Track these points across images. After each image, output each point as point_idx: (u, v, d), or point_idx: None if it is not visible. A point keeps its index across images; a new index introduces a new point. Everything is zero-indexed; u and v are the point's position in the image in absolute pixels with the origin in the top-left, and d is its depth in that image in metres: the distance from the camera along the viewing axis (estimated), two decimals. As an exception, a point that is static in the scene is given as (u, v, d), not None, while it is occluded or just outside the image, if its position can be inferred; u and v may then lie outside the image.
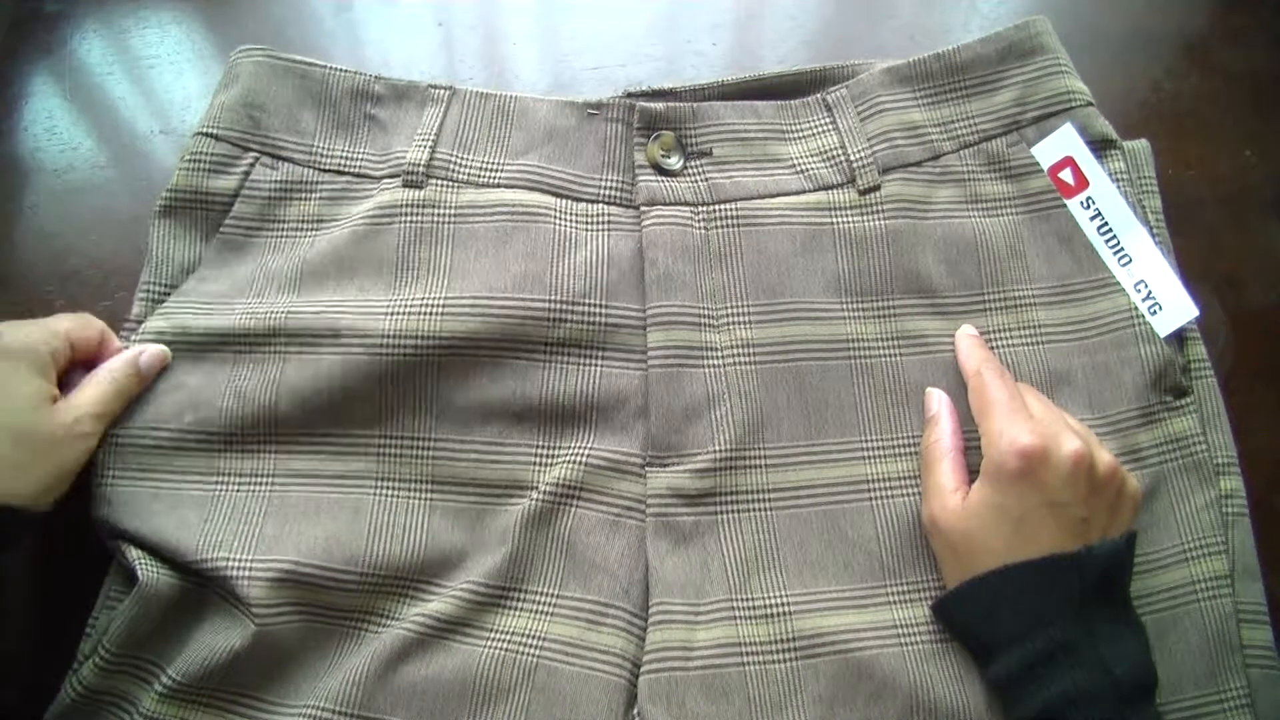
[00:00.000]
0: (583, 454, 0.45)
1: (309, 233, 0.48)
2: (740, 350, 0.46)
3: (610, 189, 0.49)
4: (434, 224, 0.47)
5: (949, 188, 0.49)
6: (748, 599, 0.43)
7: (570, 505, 0.44)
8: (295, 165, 0.49)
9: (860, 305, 0.47)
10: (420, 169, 0.48)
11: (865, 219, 0.48)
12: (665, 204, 0.48)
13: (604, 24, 0.61)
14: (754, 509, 0.44)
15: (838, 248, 0.47)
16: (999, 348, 0.47)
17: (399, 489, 0.44)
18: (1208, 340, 0.48)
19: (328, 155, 0.50)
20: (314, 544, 0.42)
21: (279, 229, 0.49)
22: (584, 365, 0.46)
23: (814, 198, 0.48)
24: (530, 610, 0.43)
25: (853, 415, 0.45)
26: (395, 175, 0.49)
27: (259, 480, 0.44)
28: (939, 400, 0.45)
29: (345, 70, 0.51)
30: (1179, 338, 0.47)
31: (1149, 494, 0.44)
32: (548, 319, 0.46)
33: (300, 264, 0.47)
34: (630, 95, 0.50)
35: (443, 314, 0.45)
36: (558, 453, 0.45)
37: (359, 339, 0.45)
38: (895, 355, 0.46)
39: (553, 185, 0.49)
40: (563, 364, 0.46)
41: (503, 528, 0.44)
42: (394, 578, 0.43)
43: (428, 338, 0.45)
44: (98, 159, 0.57)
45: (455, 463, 0.45)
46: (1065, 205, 0.48)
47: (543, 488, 0.44)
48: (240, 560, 0.42)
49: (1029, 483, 0.39)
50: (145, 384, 0.45)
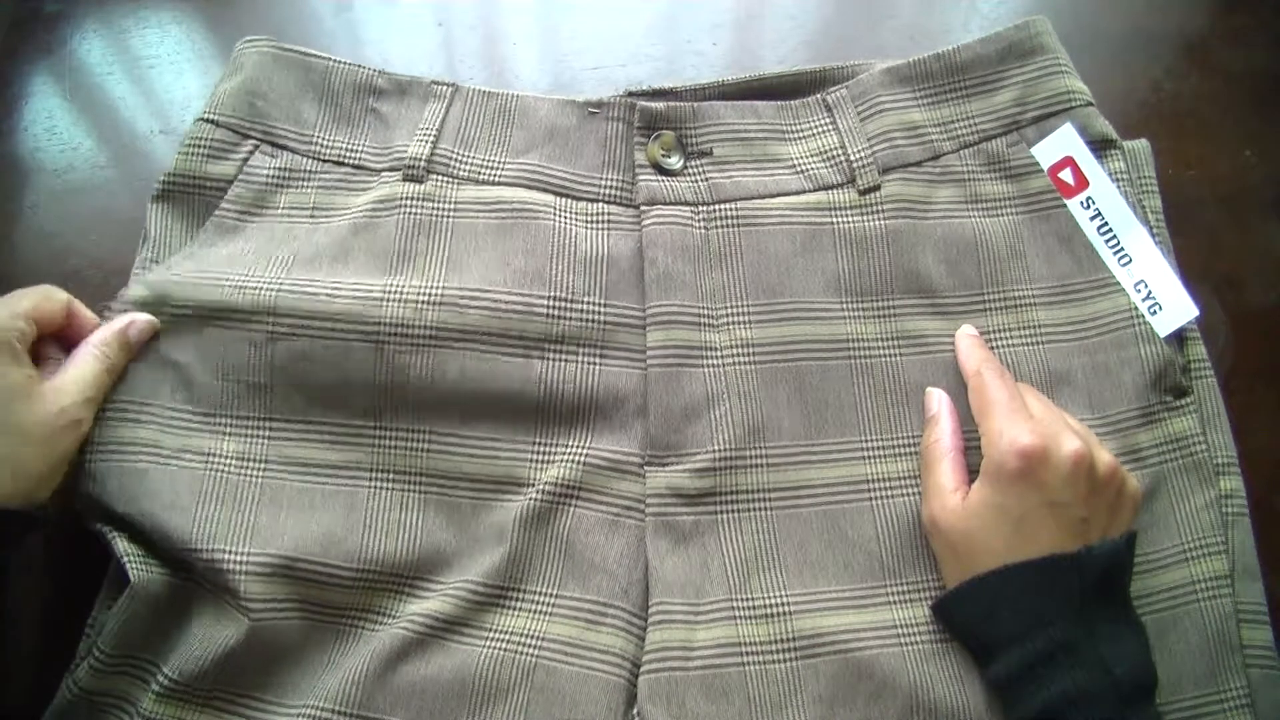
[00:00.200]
0: (581, 453, 0.45)
1: (304, 220, 0.48)
2: (740, 350, 0.46)
3: (610, 188, 0.49)
4: (433, 217, 0.47)
5: (949, 188, 0.49)
6: (747, 599, 0.43)
7: (569, 505, 0.44)
8: (294, 154, 0.49)
9: (860, 305, 0.47)
10: (421, 164, 0.48)
11: (865, 219, 0.48)
12: (665, 203, 0.48)
13: (604, 24, 0.61)
14: (754, 509, 0.44)
15: (838, 248, 0.47)
16: (999, 348, 0.47)
17: (394, 482, 0.44)
18: (1208, 340, 0.48)
19: (328, 146, 0.49)
20: (308, 537, 0.42)
21: (274, 215, 0.48)
22: (583, 363, 0.46)
23: (814, 198, 0.48)
24: (529, 610, 0.43)
25: (853, 415, 0.45)
26: (395, 169, 0.49)
27: (251, 465, 0.44)
28: (939, 400, 0.45)
29: (349, 64, 0.51)
30: (1179, 338, 0.47)
31: (1149, 494, 0.44)
32: (546, 315, 0.46)
33: (294, 248, 0.47)
34: (631, 95, 0.50)
35: (441, 304, 0.45)
36: (555, 451, 0.45)
37: (354, 325, 0.44)
38: (895, 355, 0.46)
39: (553, 184, 0.48)
40: (561, 361, 0.46)
41: (500, 525, 0.44)
42: (390, 574, 0.43)
43: (425, 327, 0.45)
44: (98, 159, 0.57)
45: (451, 457, 0.45)
46: (1065, 205, 0.48)
47: (541, 486, 0.44)
48: (233, 553, 0.41)
49: (1029, 483, 0.39)
50: (134, 355, 0.43)
